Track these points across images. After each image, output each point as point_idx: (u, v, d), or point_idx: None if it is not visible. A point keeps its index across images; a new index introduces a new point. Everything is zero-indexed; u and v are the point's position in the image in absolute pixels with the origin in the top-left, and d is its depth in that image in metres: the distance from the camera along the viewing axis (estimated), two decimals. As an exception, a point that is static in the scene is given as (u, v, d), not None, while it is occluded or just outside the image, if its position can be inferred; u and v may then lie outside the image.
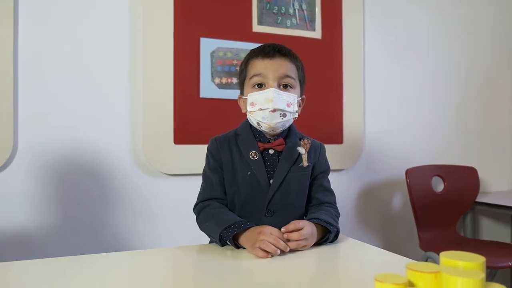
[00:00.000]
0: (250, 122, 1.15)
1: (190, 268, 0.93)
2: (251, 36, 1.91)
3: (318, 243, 1.02)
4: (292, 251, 0.95)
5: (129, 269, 0.90)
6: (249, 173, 1.10)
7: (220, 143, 1.15)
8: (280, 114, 1.07)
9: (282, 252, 0.93)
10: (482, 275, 0.54)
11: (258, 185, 1.10)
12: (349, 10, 2.13)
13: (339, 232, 1.02)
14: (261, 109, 1.07)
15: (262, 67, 1.10)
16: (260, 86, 1.10)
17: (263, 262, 0.89)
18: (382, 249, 1.00)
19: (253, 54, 1.14)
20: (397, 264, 0.86)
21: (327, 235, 1.02)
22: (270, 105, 1.06)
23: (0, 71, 1.57)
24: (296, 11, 2.01)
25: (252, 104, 1.09)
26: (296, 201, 1.13)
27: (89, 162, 1.70)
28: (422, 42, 2.34)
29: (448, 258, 0.59)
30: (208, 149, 1.18)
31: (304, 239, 0.96)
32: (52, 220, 1.65)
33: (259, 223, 1.01)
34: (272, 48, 1.12)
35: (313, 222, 1.01)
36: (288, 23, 2.00)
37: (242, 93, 1.17)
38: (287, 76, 1.10)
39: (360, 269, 0.88)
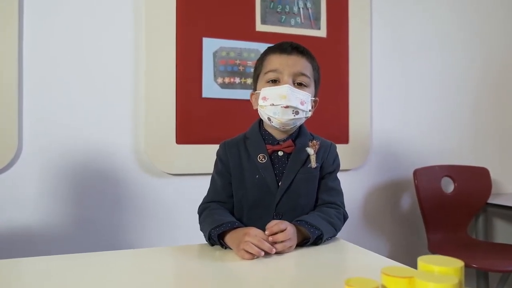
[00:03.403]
0: (260, 116, 1.14)
1: (173, 268, 0.92)
2: (254, 36, 1.90)
3: (300, 244, 1.00)
4: (276, 253, 0.93)
5: (120, 268, 0.90)
6: (257, 176, 1.10)
7: (228, 147, 1.15)
8: (293, 111, 1.06)
9: (268, 254, 0.92)
10: (456, 280, 0.52)
11: (267, 188, 1.09)
12: (356, 8, 2.09)
13: (324, 234, 1.00)
14: (273, 105, 1.06)
15: (278, 62, 1.09)
16: (274, 82, 1.09)
17: (247, 264, 0.88)
18: (374, 253, 0.97)
19: (270, 50, 1.13)
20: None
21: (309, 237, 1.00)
22: (283, 102, 1.04)
23: (5, 72, 1.60)
24: (301, 9, 1.99)
25: (264, 98, 1.08)
26: (305, 202, 1.11)
27: (92, 161, 1.72)
28: (432, 40, 2.28)
29: (425, 262, 0.57)
30: (217, 153, 1.18)
31: (289, 239, 0.94)
32: (55, 219, 1.68)
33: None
34: (289, 45, 1.11)
35: (294, 224, 0.99)
36: (292, 22, 1.98)
37: (255, 89, 1.16)
38: (303, 74, 1.09)
39: (346, 273, 0.86)
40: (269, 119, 1.09)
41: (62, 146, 1.69)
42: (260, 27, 1.92)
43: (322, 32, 2.03)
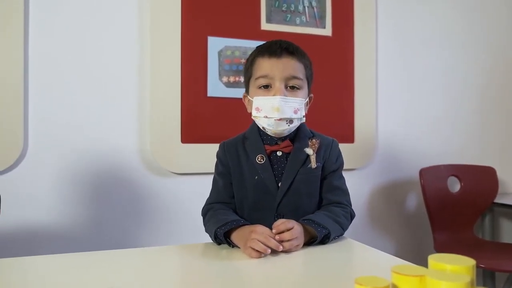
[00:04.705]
0: (255, 122, 1.12)
1: (180, 266, 0.92)
2: (259, 34, 1.90)
3: (307, 243, 0.99)
4: (284, 252, 0.93)
5: (127, 267, 0.90)
6: (256, 177, 1.09)
7: (227, 148, 1.14)
8: (287, 121, 1.05)
9: (275, 253, 0.91)
10: (468, 279, 0.51)
11: (267, 189, 1.08)
12: (361, 6, 2.08)
13: (331, 233, 0.99)
14: (266, 117, 1.04)
15: (268, 67, 1.05)
16: (266, 87, 1.06)
17: (255, 263, 0.88)
18: (382, 252, 0.96)
19: (259, 53, 1.09)
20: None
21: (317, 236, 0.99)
22: (276, 115, 1.02)
23: (11, 72, 1.60)
24: (306, 8, 1.99)
25: (257, 109, 1.06)
26: (307, 203, 1.10)
27: (97, 161, 1.72)
28: (438, 38, 2.27)
29: (436, 261, 0.56)
30: (217, 154, 1.18)
31: (295, 238, 0.94)
32: (60, 218, 1.68)
33: (269, 227, 0.98)
34: (279, 46, 1.07)
35: (301, 223, 0.99)
36: (298, 21, 1.97)
37: (247, 92, 1.14)
38: (295, 77, 1.06)
39: (354, 272, 0.86)
40: (263, 128, 1.08)
41: (67, 145, 1.69)
42: (265, 26, 1.92)
43: (327, 31, 2.02)
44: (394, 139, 2.18)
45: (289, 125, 1.05)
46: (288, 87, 1.06)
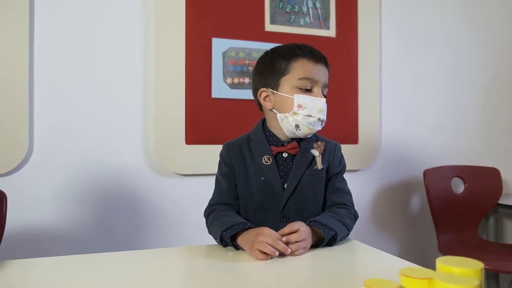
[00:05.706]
0: (280, 121, 1.08)
1: (186, 268, 0.92)
2: (263, 36, 1.90)
3: (314, 245, 1.00)
4: (290, 254, 0.93)
5: (132, 268, 0.90)
6: (262, 178, 1.09)
7: (231, 148, 1.14)
8: (321, 122, 1.08)
9: (281, 255, 0.91)
10: (477, 282, 0.51)
11: (272, 190, 1.08)
12: (365, 7, 2.08)
13: (338, 235, 0.99)
14: (309, 116, 1.05)
15: (314, 71, 1.08)
16: (309, 90, 1.07)
17: (261, 265, 0.88)
18: (388, 253, 0.96)
19: (301, 54, 1.08)
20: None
21: (323, 238, 0.99)
22: (319, 115, 1.06)
23: (16, 74, 1.61)
24: (310, 9, 1.99)
25: (300, 106, 1.05)
26: (312, 204, 1.11)
27: (102, 162, 1.72)
28: (442, 38, 2.27)
29: (444, 263, 0.57)
30: (220, 154, 1.17)
31: (303, 240, 0.94)
32: (65, 220, 1.68)
33: (275, 228, 0.98)
34: (320, 54, 1.11)
35: (308, 225, 0.99)
36: (302, 22, 1.97)
37: (271, 87, 1.09)
38: (327, 86, 1.12)
39: (361, 274, 0.86)
40: (297, 126, 1.06)
41: (72, 147, 1.69)
42: (269, 27, 1.92)
43: (331, 32, 2.02)
44: (398, 140, 2.18)
45: (321, 127, 1.09)
46: (323, 94, 1.10)
